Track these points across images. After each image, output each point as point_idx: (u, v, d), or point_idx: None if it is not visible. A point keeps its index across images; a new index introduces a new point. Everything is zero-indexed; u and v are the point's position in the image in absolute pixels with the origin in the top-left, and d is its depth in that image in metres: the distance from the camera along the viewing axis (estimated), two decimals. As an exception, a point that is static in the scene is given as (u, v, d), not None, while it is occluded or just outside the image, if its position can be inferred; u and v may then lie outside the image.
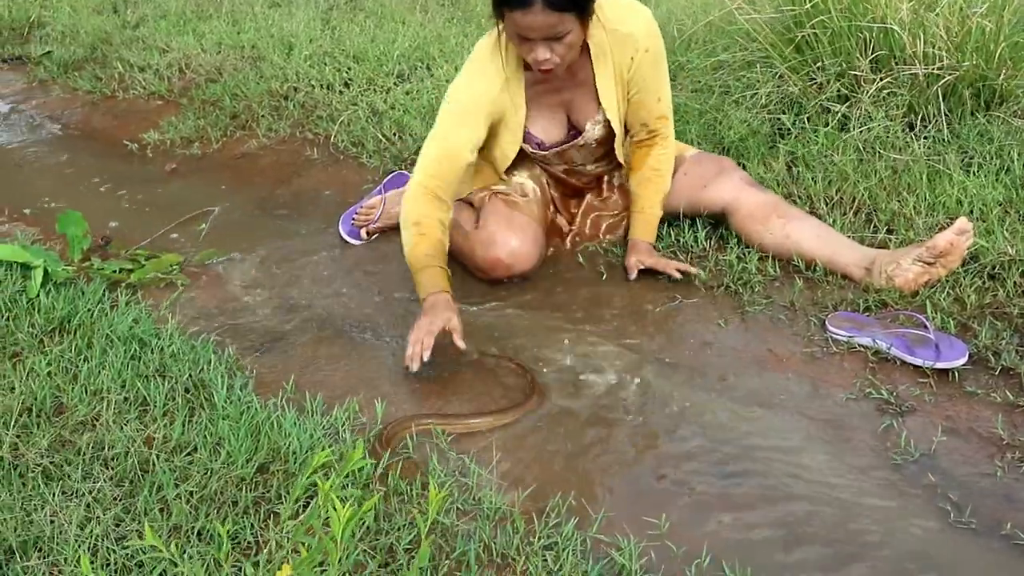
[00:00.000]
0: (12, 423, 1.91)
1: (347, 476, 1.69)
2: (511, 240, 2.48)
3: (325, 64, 4.24)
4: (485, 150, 2.52)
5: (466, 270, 2.58)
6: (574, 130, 2.52)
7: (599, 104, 2.46)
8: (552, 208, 2.73)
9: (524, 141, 2.51)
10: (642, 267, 2.50)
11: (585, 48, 2.35)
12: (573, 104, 2.49)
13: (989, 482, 1.75)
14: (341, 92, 3.99)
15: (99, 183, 3.56)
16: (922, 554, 1.60)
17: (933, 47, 2.89)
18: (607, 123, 2.49)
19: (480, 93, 2.39)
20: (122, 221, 3.17)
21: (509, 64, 2.37)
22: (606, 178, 2.72)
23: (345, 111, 3.78)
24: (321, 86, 4.06)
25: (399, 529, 1.64)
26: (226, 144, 3.82)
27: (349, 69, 4.17)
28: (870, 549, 1.61)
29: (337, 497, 1.05)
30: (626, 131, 2.57)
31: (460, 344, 2.17)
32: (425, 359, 2.13)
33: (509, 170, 2.60)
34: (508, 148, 2.52)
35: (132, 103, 4.37)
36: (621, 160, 2.60)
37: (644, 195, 2.58)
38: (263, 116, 3.92)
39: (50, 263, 2.54)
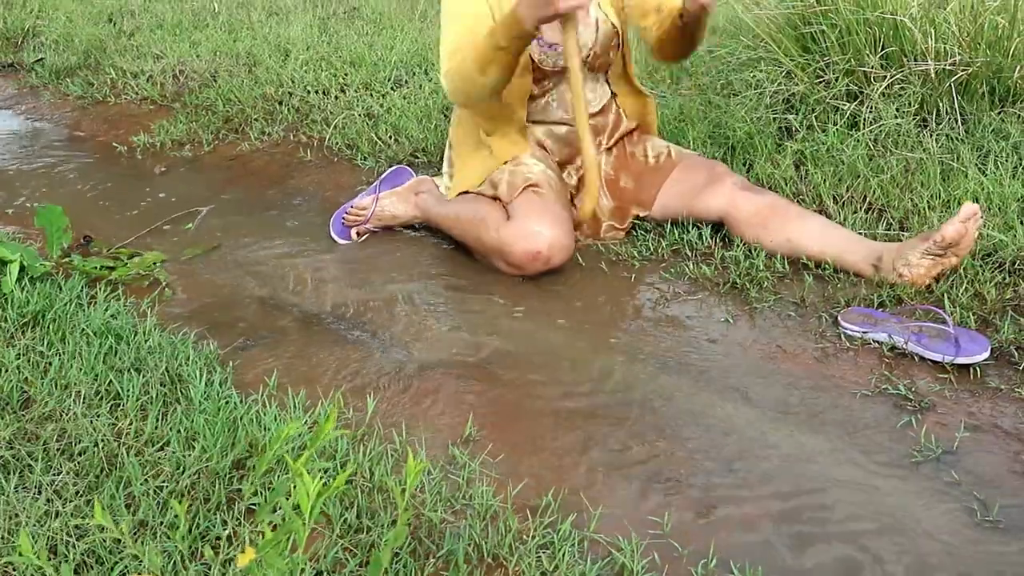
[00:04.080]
0: (-26, 415, 1.80)
1: (322, 452, 1.57)
2: (548, 231, 2.37)
3: (321, 69, 4.15)
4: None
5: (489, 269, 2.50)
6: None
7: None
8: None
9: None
10: None
11: None
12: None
13: (1016, 480, 1.63)
14: (337, 97, 3.89)
15: (85, 184, 3.46)
16: (946, 554, 1.48)
17: (945, 43, 2.80)
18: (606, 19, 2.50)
19: None
20: (107, 221, 3.06)
21: None
22: (606, 157, 2.64)
23: (340, 115, 3.68)
24: (316, 91, 3.97)
25: (383, 527, 1.53)
26: (218, 147, 3.73)
27: (346, 74, 4.08)
28: (890, 550, 1.49)
29: (306, 470, 0.94)
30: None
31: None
32: None
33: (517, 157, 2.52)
34: None
35: (123, 108, 4.28)
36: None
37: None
38: (256, 120, 3.82)
39: (27, 258, 2.43)
